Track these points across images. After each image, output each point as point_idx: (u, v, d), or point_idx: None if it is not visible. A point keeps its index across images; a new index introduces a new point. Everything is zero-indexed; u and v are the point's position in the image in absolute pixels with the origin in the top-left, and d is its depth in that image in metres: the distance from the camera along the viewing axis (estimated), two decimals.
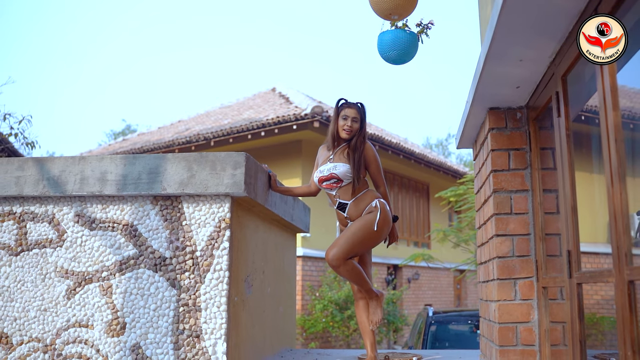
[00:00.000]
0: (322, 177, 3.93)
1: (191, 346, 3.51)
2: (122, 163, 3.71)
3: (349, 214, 3.88)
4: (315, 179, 4.00)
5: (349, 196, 3.88)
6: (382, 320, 3.96)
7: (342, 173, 3.85)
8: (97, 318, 3.67)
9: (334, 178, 3.87)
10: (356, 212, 3.86)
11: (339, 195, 3.90)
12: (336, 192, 3.90)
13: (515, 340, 3.37)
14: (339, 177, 3.86)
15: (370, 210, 3.83)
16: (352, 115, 3.95)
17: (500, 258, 3.47)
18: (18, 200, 3.91)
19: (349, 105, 3.99)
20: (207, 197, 3.64)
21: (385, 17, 3.33)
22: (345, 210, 3.88)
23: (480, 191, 4.09)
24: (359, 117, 3.96)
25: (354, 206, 3.86)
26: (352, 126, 3.93)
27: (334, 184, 3.88)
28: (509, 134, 3.59)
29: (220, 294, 3.53)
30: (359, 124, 3.95)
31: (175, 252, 3.63)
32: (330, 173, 3.89)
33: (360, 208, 3.85)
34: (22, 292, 3.80)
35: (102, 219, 3.77)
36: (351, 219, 3.88)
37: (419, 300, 18.68)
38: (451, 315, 8.90)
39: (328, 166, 3.93)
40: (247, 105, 17.98)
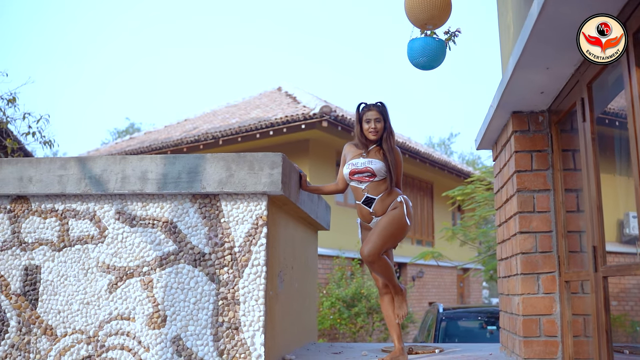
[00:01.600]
0: (356, 170, 4.09)
1: (230, 338, 3.70)
2: (163, 163, 3.89)
3: (374, 209, 4.05)
4: (345, 172, 4.14)
5: (377, 192, 4.04)
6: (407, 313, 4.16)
7: (378, 169, 4.03)
8: (138, 311, 3.85)
9: (368, 172, 4.04)
10: (382, 208, 4.04)
11: (368, 190, 4.06)
12: (366, 186, 4.06)
13: (539, 332, 3.56)
14: (374, 171, 4.03)
15: (395, 206, 4.01)
16: (373, 117, 4.14)
17: (524, 254, 3.65)
18: (60, 198, 4.09)
19: (369, 108, 4.18)
20: (244, 196, 3.82)
21: (421, 27, 3.52)
22: (372, 205, 4.05)
23: (501, 190, 4.28)
24: (381, 117, 4.14)
25: (381, 202, 4.04)
26: (376, 127, 4.12)
27: (366, 177, 4.05)
28: (532, 136, 3.78)
29: (258, 288, 3.72)
30: (382, 122, 4.14)
31: (214, 248, 3.81)
32: (365, 167, 4.06)
33: (386, 204, 4.03)
34: (65, 286, 3.98)
35: (143, 216, 3.95)
36: (376, 214, 4.05)
37: (423, 298, 18.88)
38: (460, 311, 9.09)
39: (362, 160, 4.10)
40: (253, 105, 18.15)
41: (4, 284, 4.02)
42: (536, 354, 3.54)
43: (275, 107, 16.21)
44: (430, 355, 4.37)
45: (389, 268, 4.05)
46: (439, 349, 4.57)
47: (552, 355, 3.53)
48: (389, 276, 4.06)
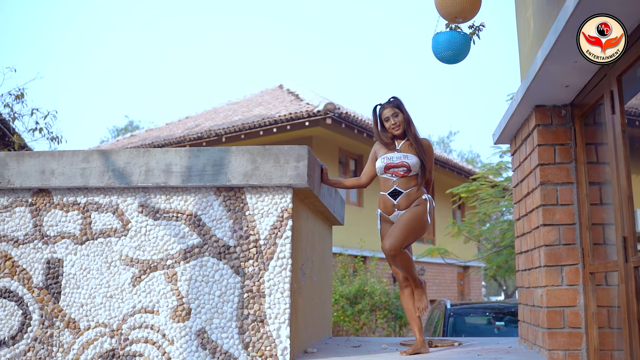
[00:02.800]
0: (392, 164, 4.11)
1: (256, 330, 3.71)
2: (187, 155, 3.90)
3: (399, 202, 4.07)
4: (380, 166, 4.16)
5: (406, 187, 4.07)
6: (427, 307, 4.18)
7: (413, 164, 4.07)
8: (162, 304, 3.86)
9: (404, 167, 4.07)
10: (406, 203, 4.06)
11: (398, 183, 4.08)
12: (397, 179, 4.09)
13: (563, 323, 3.58)
14: (410, 166, 4.06)
15: (418, 203, 4.03)
16: (390, 113, 4.18)
17: (548, 246, 3.67)
18: (82, 191, 4.09)
19: (383, 107, 4.24)
20: (269, 189, 3.84)
21: (451, 20, 3.53)
22: (398, 198, 4.07)
23: (521, 184, 4.30)
24: (398, 110, 4.18)
25: (407, 197, 4.06)
26: (396, 122, 4.16)
27: (401, 171, 4.07)
28: (555, 130, 3.80)
29: (283, 281, 3.73)
30: (400, 116, 4.17)
31: (239, 241, 3.82)
32: (402, 161, 4.09)
33: (411, 200, 4.05)
34: (87, 279, 3.98)
35: (166, 209, 3.96)
36: (399, 208, 4.07)
37: None
38: (468, 307, 9.11)
39: (398, 155, 4.13)
40: (255, 102, 18.16)
41: (26, 277, 4.03)
42: (560, 345, 3.56)
43: (278, 105, 16.22)
44: (450, 348, 4.39)
45: (410, 262, 4.08)
46: (457, 342, 4.59)
47: (577, 346, 3.55)
48: (409, 270, 4.08)
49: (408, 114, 4.20)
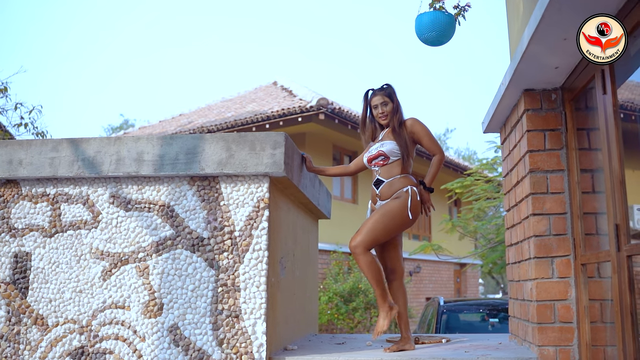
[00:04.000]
0: (371, 157, 3.98)
1: (230, 326, 3.53)
2: (159, 143, 3.72)
3: (381, 192, 3.89)
4: (365, 161, 4.05)
5: (388, 175, 3.90)
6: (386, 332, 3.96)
7: (389, 150, 3.88)
8: (133, 299, 3.68)
9: (381, 155, 3.91)
10: (388, 193, 3.87)
11: (380, 173, 3.93)
12: (379, 169, 3.93)
13: (553, 318, 3.40)
14: (386, 153, 3.89)
15: (398, 196, 3.83)
16: (379, 101, 4.01)
17: (537, 237, 3.50)
18: (52, 182, 3.91)
19: (374, 94, 4.05)
20: (245, 177, 3.65)
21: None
22: (379, 187, 3.90)
23: (510, 173, 4.12)
24: (387, 99, 4.00)
25: (388, 186, 3.87)
26: (383, 111, 3.99)
27: (381, 161, 3.92)
28: (545, 115, 3.62)
29: (259, 274, 3.55)
30: (389, 105, 3.99)
31: (213, 233, 3.64)
32: (377, 151, 3.94)
33: (393, 190, 3.86)
34: (56, 273, 3.80)
35: (138, 199, 3.78)
36: (381, 198, 3.89)
37: (420, 293, 18.75)
38: (461, 304, 8.94)
39: (375, 145, 4.00)
40: (249, 99, 17.97)
41: None
42: (551, 341, 3.38)
43: (271, 101, 16.04)
44: (437, 345, 4.20)
45: (374, 270, 3.73)
46: (445, 339, 4.41)
47: (568, 342, 3.37)
48: (373, 279, 3.72)
49: (398, 104, 4.02)
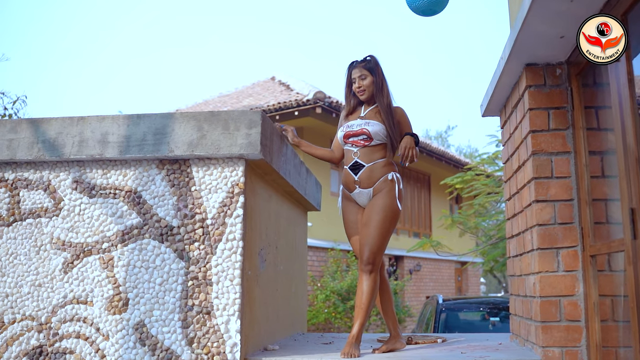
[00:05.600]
0: (351, 132, 3.57)
1: (201, 324, 3.19)
2: (125, 123, 3.38)
3: (360, 177, 3.51)
4: (340, 135, 3.65)
5: (369, 159, 3.52)
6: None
7: (375, 132, 3.50)
8: (97, 294, 3.35)
9: (364, 134, 3.52)
10: (368, 179, 3.50)
11: (359, 155, 3.53)
12: (358, 150, 3.54)
13: (559, 316, 3.06)
14: (370, 134, 3.50)
15: (384, 187, 3.47)
16: (357, 74, 3.63)
17: (541, 226, 3.16)
18: (10, 166, 3.59)
19: (353, 66, 3.68)
20: (218, 160, 3.32)
21: None
22: (359, 172, 3.51)
23: (511, 158, 3.78)
24: (367, 72, 3.62)
25: (369, 171, 3.50)
26: (361, 85, 3.61)
27: (361, 140, 3.53)
28: (548, 91, 3.28)
29: (233, 266, 3.21)
30: (368, 78, 3.61)
31: (183, 221, 3.30)
32: (361, 128, 3.54)
33: (375, 176, 3.50)
34: (14, 265, 3.47)
35: (103, 185, 3.44)
36: (360, 185, 3.51)
37: (421, 291, 18.40)
38: (461, 302, 8.60)
39: (359, 122, 3.59)
40: (246, 94, 17.63)
41: None
42: (556, 341, 3.04)
43: (268, 95, 15.70)
44: (431, 345, 3.87)
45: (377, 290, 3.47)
46: (441, 339, 4.07)
47: (575, 342, 3.03)
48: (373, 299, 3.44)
49: (382, 78, 3.63)
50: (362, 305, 3.39)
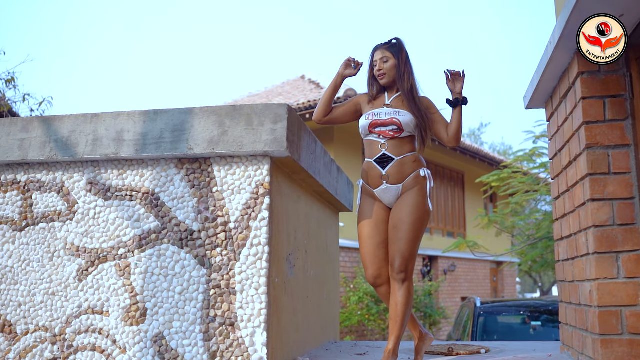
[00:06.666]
0: (378, 121, 3.21)
1: (224, 336, 2.94)
2: (142, 120, 3.15)
3: (389, 172, 3.15)
4: (364, 124, 3.26)
5: (399, 152, 3.17)
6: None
7: (406, 122, 3.17)
8: (113, 303, 3.12)
9: (394, 124, 3.17)
10: (398, 175, 3.15)
11: (387, 147, 3.17)
12: (386, 141, 3.19)
13: (621, 328, 2.74)
14: (402, 125, 3.17)
15: (416, 184, 3.14)
16: (379, 57, 3.30)
17: (598, 227, 2.84)
18: (22, 167, 3.38)
19: (376, 48, 3.35)
20: (241, 159, 3.07)
21: None
22: (387, 166, 3.17)
23: (560, 153, 3.46)
24: (390, 55, 3.29)
25: (399, 166, 3.15)
26: (381, 68, 3.28)
27: (390, 131, 3.18)
28: (604, 78, 2.96)
29: (258, 274, 2.95)
30: (390, 62, 3.28)
31: (204, 224, 3.06)
32: (391, 118, 3.19)
33: (405, 172, 3.16)
34: (27, 273, 3.27)
35: (119, 186, 3.22)
36: (389, 180, 3.16)
37: (455, 292, 18.00)
38: (500, 305, 8.24)
39: (387, 110, 3.24)
40: (276, 93, 17.43)
41: None
42: (618, 357, 2.72)
43: (298, 94, 15.47)
44: (474, 356, 3.57)
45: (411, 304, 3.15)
46: (484, 349, 3.77)
47: None
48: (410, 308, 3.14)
49: (405, 63, 3.29)
50: (397, 318, 3.09)
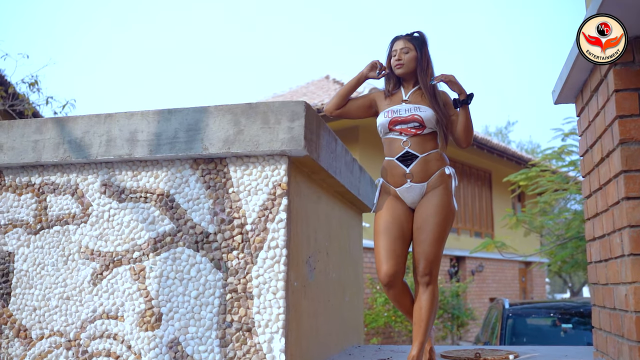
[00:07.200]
0: (398, 119, 3.06)
1: (241, 342, 2.84)
2: (155, 119, 3.06)
3: (413, 170, 3.00)
4: (383, 122, 3.11)
5: (422, 149, 3.02)
6: None
7: (428, 118, 3.02)
8: (127, 308, 3.04)
9: (416, 121, 3.03)
10: (422, 173, 3.01)
11: (410, 145, 3.02)
12: (408, 139, 3.03)
13: None
14: (423, 121, 3.02)
15: (441, 182, 3.01)
16: (400, 46, 3.13)
17: (634, 227, 2.68)
18: (37, 170, 3.32)
19: (397, 38, 3.19)
20: (258, 158, 2.96)
21: None
22: (411, 164, 3.01)
23: (591, 149, 3.30)
24: (411, 46, 3.13)
25: (423, 163, 3.01)
26: (401, 58, 3.11)
27: (412, 128, 3.03)
28: (638, 69, 2.80)
29: (276, 277, 2.85)
30: (411, 53, 3.12)
31: (220, 227, 2.96)
32: (412, 114, 3.03)
33: (430, 169, 3.02)
34: (42, 277, 3.20)
35: (133, 188, 3.13)
36: (413, 179, 3.01)
37: (483, 293, 17.75)
38: (529, 307, 8.04)
39: (406, 107, 3.08)
40: (300, 93, 17.34)
41: None
42: None
43: (323, 94, 15.36)
44: None
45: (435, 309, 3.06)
46: (513, 354, 3.62)
47: None
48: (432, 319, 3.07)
49: (427, 58, 3.14)
50: (421, 323, 2.97)
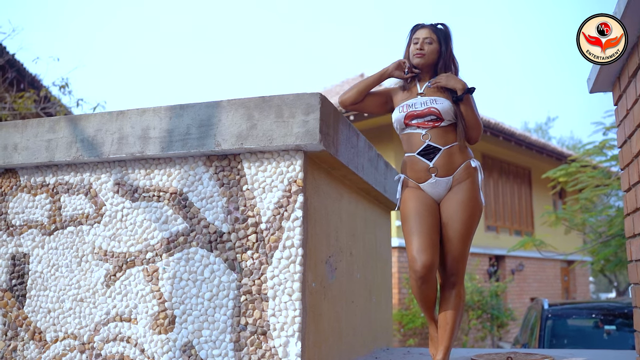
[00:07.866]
0: (414, 113, 2.90)
1: (256, 346, 2.72)
2: (167, 115, 2.96)
3: (436, 164, 2.84)
4: (399, 117, 2.96)
5: (444, 142, 2.86)
6: None
7: (445, 110, 2.86)
8: (141, 310, 2.94)
9: (432, 114, 2.86)
10: (447, 166, 2.85)
11: (430, 137, 2.86)
12: (427, 131, 2.88)
13: None
14: (440, 113, 2.86)
15: (467, 175, 2.85)
16: (422, 36, 2.96)
17: None
18: (51, 169, 3.25)
19: (421, 26, 3.02)
20: (272, 154, 2.83)
21: None
22: (434, 158, 2.85)
23: (630, 140, 3.09)
24: (435, 37, 2.97)
25: (447, 156, 2.85)
26: (423, 48, 2.94)
27: (429, 122, 2.88)
28: None
29: (292, 278, 2.71)
30: (434, 44, 2.96)
31: (234, 226, 2.84)
32: (428, 107, 2.87)
33: (455, 162, 2.86)
34: (56, 278, 3.13)
35: (146, 186, 3.04)
36: (437, 173, 2.85)
37: (524, 293, 17.36)
38: (569, 307, 7.77)
39: (422, 99, 2.92)
40: (334, 92, 17.21)
41: None
42: None
43: None
44: None
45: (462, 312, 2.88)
46: (548, 359, 3.43)
47: None
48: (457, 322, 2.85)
49: (450, 52, 2.99)
50: (446, 326, 2.80)
